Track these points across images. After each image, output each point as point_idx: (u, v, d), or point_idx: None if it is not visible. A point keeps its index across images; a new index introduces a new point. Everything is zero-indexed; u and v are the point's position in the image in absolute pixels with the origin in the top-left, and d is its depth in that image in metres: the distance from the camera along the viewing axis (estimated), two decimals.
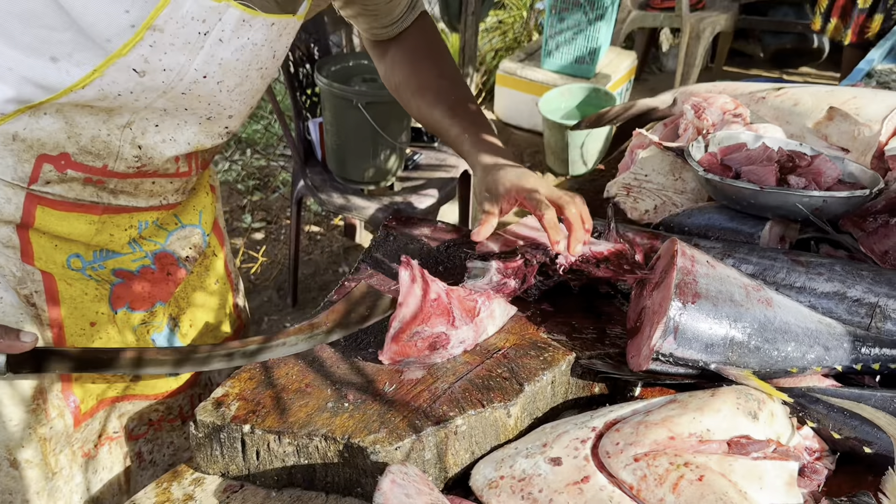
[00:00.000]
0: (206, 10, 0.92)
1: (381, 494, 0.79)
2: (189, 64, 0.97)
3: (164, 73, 0.96)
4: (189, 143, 1.10)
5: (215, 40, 0.96)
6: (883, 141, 1.55)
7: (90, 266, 1.17)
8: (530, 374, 1.04)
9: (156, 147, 1.08)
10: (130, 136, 1.05)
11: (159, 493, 1.01)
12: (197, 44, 0.95)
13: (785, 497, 0.87)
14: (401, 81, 1.43)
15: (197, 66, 0.98)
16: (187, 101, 1.03)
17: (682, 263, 1.05)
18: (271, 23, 1.00)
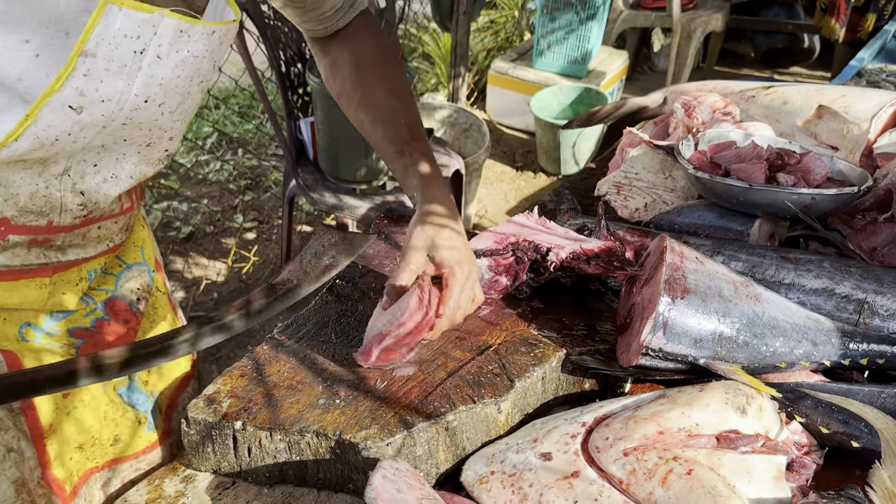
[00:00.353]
0: (140, 25, 0.82)
1: (373, 489, 0.79)
2: (128, 90, 0.86)
3: (102, 104, 0.85)
4: (132, 177, 1.01)
5: (153, 58, 0.86)
6: (871, 139, 1.56)
7: (45, 333, 1.07)
8: (521, 371, 1.04)
9: (98, 189, 0.98)
10: (70, 183, 0.95)
11: (151, 490, 1.01)
12: (134, 65, 0.84)
13: (773, 491, 0.87)
14: (344, 90, 1.28)
15: (137, 90, 0.87)
16: (127, 131, 0.92)
17: (671, 259, 1.05)
18: (211, 31, 0.90)
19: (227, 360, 2.94)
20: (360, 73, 1.25)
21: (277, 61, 2.76)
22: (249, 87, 5.11)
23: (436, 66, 5.38)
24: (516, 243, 1.21)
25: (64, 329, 1.07)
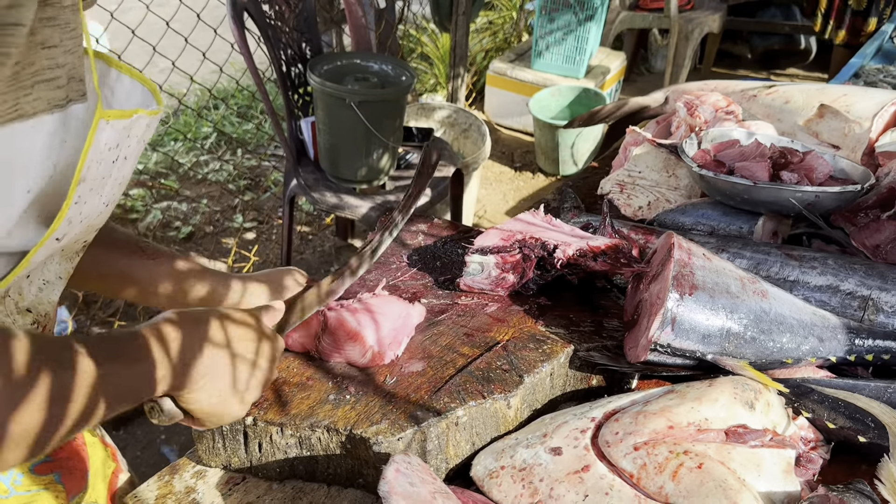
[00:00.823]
0: (119, 133, 0.76)
1: (386, 483, 0.80)
2: (100, 200, 0.80)
3: (80, 225, 0.78)
4: (60, 277, 0.91)
5: (122, 161, 0.79)
6: (873, 137, 1.57)
7: (12, 481, 0.98)
8: (530, 366, 1.05)
9: (40, 300, 0.89)
10: (13, 304, 0.85)
11: (161, 486, 1.01)
12: (107, 174, 0.78)
13: (783, 484, 0.88)
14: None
15: (105, 198, 0.80)
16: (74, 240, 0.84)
17: (678, 256, 1.06)
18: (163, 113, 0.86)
19: None
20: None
21: (278, 61, 2.76)
22: (249, 86, 5.11)
23: (434, 67, 5.38)
24: (523, 240, 1.22)
25: (25, 469, 1.00)
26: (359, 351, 1.05)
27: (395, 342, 1.08)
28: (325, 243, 3.92)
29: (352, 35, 3.26)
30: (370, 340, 1.05)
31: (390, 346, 1.07)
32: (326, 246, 3.90)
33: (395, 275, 1.30)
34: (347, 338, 1.06)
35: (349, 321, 1.07)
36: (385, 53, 3.91)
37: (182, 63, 3.32)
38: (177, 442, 2.74)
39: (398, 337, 1.09)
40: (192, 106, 4.85)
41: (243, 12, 2.60)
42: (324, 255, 3.83)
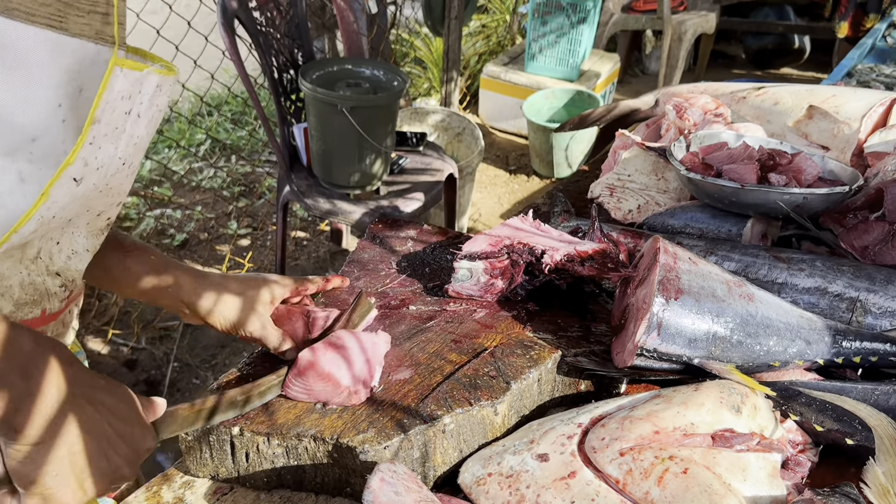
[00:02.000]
0: (132, 84, 0.79)
1: (371, 492, 0.79)
2: (115, 153, 0.83)
3: (97, 172, 0.81)
4: (87, 250, 0.94)
5: (134, 117, 0.83)
6: (862, 138, 1.58)
7: None
8: (517, 373, 1.05)
9: (68, 266, 0.92)
10: (43, 266, 0.89)
11: (149, 497, 1.01)
12: (122, 127, 0.81)
13: (768, 488, 0.88)
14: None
15: (121, 153, 0.84)
16: (96, 199, 0.87)
17: (664, 260, 1.06)
18: (173, 80, 0.87)
19: (222, 366, 2.93)
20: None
21: (270, 67, 2.76)
22: (242, 93, 5.11)
23: (428, 71, 5.39)
24: (511, 246, 1.22)
25: None
26: (334, 392, 1.01)
27: (370, 376, 1.04)
28: (320, 249, 3.92)
29: (344, 40, 3.26)
30: (345, 381, 1.00)
31: (364, 383, 1.02)
32: (321, 252, 3.90)
33: (383, 281, 1.30)
34: (321, 380, 1.01)
35: (320, 363, 1.01)
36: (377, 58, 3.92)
37: None
38: (171, 449, 2.73)
39: (371, 370, 1.04)
40: (185, 113, 4.85)
41: (234, 19, 2.60)
42: (318, 260, 3.83)
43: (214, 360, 3.07)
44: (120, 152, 0.83)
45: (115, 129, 0.80)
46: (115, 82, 0.76)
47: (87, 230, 0.92)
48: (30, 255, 0.86)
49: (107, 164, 0.82)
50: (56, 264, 0.91)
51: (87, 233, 0.93)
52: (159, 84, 0.84)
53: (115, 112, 0.79)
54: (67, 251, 0.91)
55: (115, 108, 0.78)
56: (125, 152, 0.85)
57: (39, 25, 0.69)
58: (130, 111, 0.81)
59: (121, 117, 0.80)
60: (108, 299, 3.29)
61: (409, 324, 1.17)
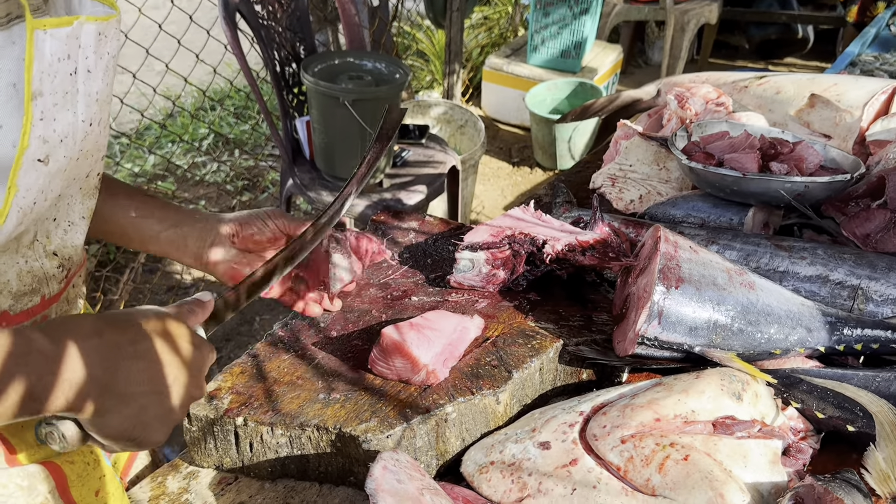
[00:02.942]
0: (66, 43, 0.73)
1: (373, 480, 0.80)
2: (76, 118, 0.78)
3: (62, 144, 0.77)
4: (83, 217, 0.92)
5: (84, 74, 0.77)
6: (864, 126, 1.58)
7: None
8: (518, 362, 1.05)
9: (65, 243, 0.90)
10: (41, 248, 0.86)
11: (154, 487, 1.02)
12: (73, 89, 0.76)
13: (769, 475, 0.88)
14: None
15: (82, 115, 0.79)
16: (77, 167, 0.84)
17: (665, 249, 1.06)
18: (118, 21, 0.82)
19: (227, 359, 2.95)
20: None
21: (272, 61, 2.76)
22: (245, 87, 5.10)
23: (430, 64, 5.38)
24: (512, 236, 1.22)
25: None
26: (413, 370, 1.02)
27: (452, 357, 1.05)
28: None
29: (345, 33, 3.26)
30: (424, 360, 1.01)
31: (445, 363, 1.04)
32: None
33: (385, 273, 1.31)
34: (401, 357, 1.02)
35: (403, 341, 1.02)
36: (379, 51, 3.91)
37: (176, 65, 3.32)
38: (177, 442, 2.74)
39: (454, 352, 1.06)
40: (187, 108, 4.85)
41: (235, 13, 2.60)
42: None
43: (220, 354, 3.09)
44: (81, 115, 0.79)
45: (64, 94, 0.75)
46: (42, 47, 0.70)
47: (81, 195, 0.90)
48: (25, 242, 0.84)
49: (71, 133, 0.78)
50: (53, 243, 0.88)
51: (82, 196, 0.90)
52: (100, 31, 0.78)
53: (57, 77, 0.73)
54: (64, 224, 0.89)
55: (56, 73, 0.73)
56: (86, 113, 0.80)
57: None
58: (76, 70, 0.76)
59: (66, 80, 0.75)
60: (112, 293, 3.30)
61: (412, 314, 1.17)
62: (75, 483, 0.97)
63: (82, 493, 0.99)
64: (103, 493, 1.03)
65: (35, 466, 0.92)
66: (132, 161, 4.34)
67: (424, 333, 1.04)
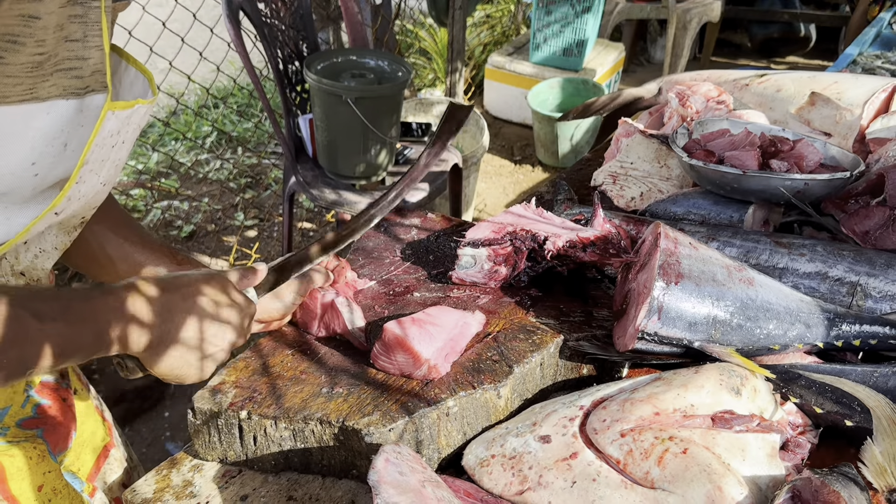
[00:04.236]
0: (121, 121, 0.84)
1: (376, 472, 0.81)
2: (98, 180, 0.87)
3: (78, 202, 0.86)
4: (56, 248, 0.97)
5: (119, 144, 0.87)
6: (864, 124, 1.58)
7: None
8: (519, 357, 1.06)
9: (34, 266, 0.95)
10: (8, 266, 0.92)
11: (159, 480, 1.03)
12: (106, 157, 0.85)
13: (767, 469, 0.89)
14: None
15: (102, 179, 0.88)
16: (73, 214, 0.92)
17: (665, 245, 1.07)
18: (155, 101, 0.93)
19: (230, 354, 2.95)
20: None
21: (275, 59, 2.77)
22: (248, 85, 5.12)
23: (433, 62, 5.39)
24: (514, 233, 1.23)
25: (12, 423, 1.03)
26: (415, 365, 1.03)
27: (453, 352, 1.06)
28: None
29: (348, 31, 3.27)
30: (426, 355, 1.02)
31: (446, 358, 1.05)
32: None
33: (388, 269, 1.32)
34: (403, 351, 1.03)
35: (405, 336, 1.03)
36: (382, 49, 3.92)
37: (180, 63, 3.33)
38: (181, 438, 2.76)
39: (455, 347, 1.07)
40: (191, 105, 4.87)
41: (239, 11, 2.61)
42: None
43: None
44: (102, 178, 0.88)
45: (101, 162, 0.85)
46: (106, 124, 0.81)
47: (58, 229, 0.96)
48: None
49: (89, 194, 0.88)
50: (22, 264, 0.94)
51: (59, 231, 0.97)
52: (146, 111, 0.90)
53: (103, 149, 0.84)
54: (35, 250, 0.96)
55: (104, 145, 0.83)
56: (107, 176, 0.89)
57: (13, 104, 0.73)
58: (116, 143, 0.86)
59: (107, 151, 0.85)
60: None
61: (414, 310, 1.19)
62: (14, 476, 1.01)
63: (22, 486, 1.02)
64: (47, 488, 1.05)
65: None
66: (135, 158, 4.35)
67: (426, 328, 1.05)
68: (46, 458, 1.05)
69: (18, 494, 1.01)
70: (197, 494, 1.01)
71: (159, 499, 1.00)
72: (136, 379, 1.01)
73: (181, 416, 2.86)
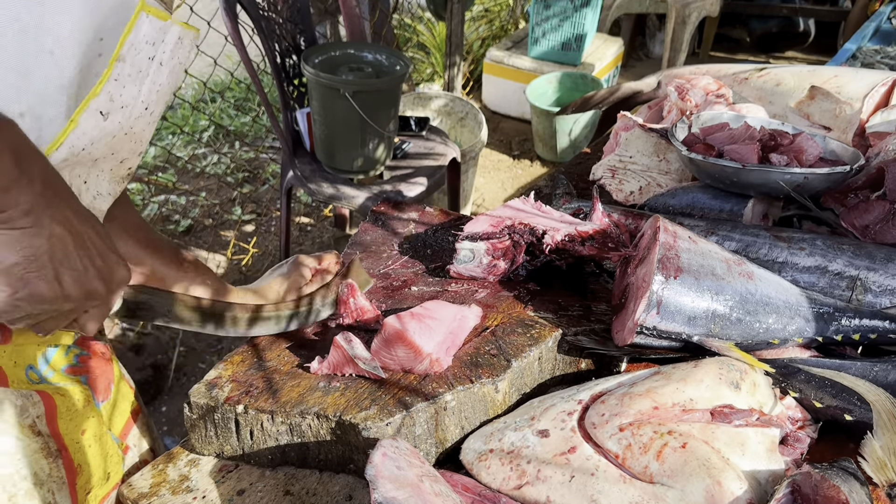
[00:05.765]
0: (156, 32, 0.85)
1: (373, 467, 0.81)
2: (138, 96, 0.87)
3: (121, 111, 0.85)
4: (110, 194, 0.97)
5: (157, 65, 0.87)
6: (864, 118, 1.58)
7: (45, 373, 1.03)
8: (518, 351, 1.05)
9: (94, 207, 0.94)
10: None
11: (155, 475, 1.03)
12: (146, 71, 0.86)
13: (767, 463, 0.89)
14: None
15: (143, 97, 0.88)
16: (121, 142, 0.91)
17: (664, 239, 1.06)
18: (193, 38, 0.92)
19: (227, 351, 2.95)
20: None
21: (272, 53, 2.76)
22: (245, 79, 5.10)
23: (431, 56, 5.37)
24: (512, 227, 1.23)
25: (58, 368, 1.05)
26: (416, 359, 1.02)
27: (453, 346, 1.06)
28: (324, 234, 3.93)
29: (346, 25, 3.26)
30: (427, 349, 1.02)
31: (447, 352, 1.05)
32: (325, 237, 3.90)
33: (385, 263, 1.31)
34: (404, 346, 1.03)
35: (405, 330, 1.03)
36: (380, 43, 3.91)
37: None
38: (178, 433, 2.75)
39: (455, 341, 1.07)
40: (188, 99, 4.85)
41: (236, 4, 2.60)
42: (322, 246, 3.84)
43: (220, 345, 3.09)
44: (143, 96, 0.88)
45: (138, 71, 0.85)
46: (141, 25, 0.82)
47: (110, 175, 0.96)
48: None
49: (130, 105, 0.86)
50: (84, 201, 0.92)
51: (111, 178, 0.96)
52: (181, 36, 0.89)
53: (140, 55, 0.84)
54: (93, 191, 0.94)
55: (140, 50, 0.83)
56: (148, 97, 0.89)
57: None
58: (154, 57, 0.86)
59: (145, 61, 0.85)
60: None
61: (412, 304, 1.18)
62: (63, 415, 1.01)
63: (69, 427, 1.02)
64: (90, 433, 1.06)
65: (29, 391, 0.98)
66: None
67: (426, 322, 1.04)
68: (91, 403, 1.07)
69: (65, 434, 1.01)
70: (193, 489, 1.00)
71: (156, 493, 0.99)
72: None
73: (178, 411, 2.85)
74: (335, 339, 1.03)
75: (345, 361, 1.03)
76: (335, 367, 1.04)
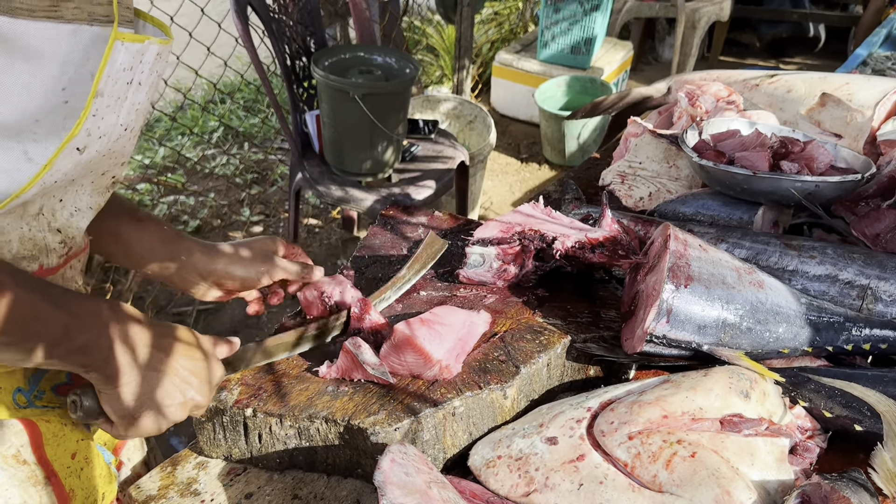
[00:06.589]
0: (133, 56, 0.83)
1: (381, 473, 0.81)
2: (117, 121, 0.87)
3: (99, 140, 0.86)
4: (91, 207, 0.98)
5: (136, 85, 0.87)
6: (875, 126, 1.57)
7: (33, 396, 1.02)
8: (526, 357, 1.05)
9: (70, 224, 0.96)
10: (45, 222, 0.92)
11: (164, 478, 1.03)
12: (123, 96, 0.86)
13: (776, 473, 0.88)
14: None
15: (122, 120, 0.88)
16: (99, 163, 0.92)
17: (674, 247, 1.06)
18: (170, 47, 0.91)
19: None
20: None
21: (282, 55, 2.77)
22: (255, 81, 5.12)
23: (440, 59, 5.38)
24: (522, 232, 1.23)
25: (48, 387, 1.04)
26: (426, 365, 1.02)
27: (463, 352, 1.06)
28: (332, 236, 3.93)
29: (356, 28, 3.26)
30: (437, 355, 1.02)
31: (457, 358, 1.04)
32: (333, 239, 3.91)
33: (394, 267, 1.31)
34: (413, 352, 1.03)
35: (415, 336, 1.03)
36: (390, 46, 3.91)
37: (187, 58, 3.33)
38: (185, 433, 2.76)
39: (465, 347, 1.07)
40: (198, 100, 4.86)
41: (247, 6, 2.61)
42: (330, 247, 3.84)
43: None
44: (122, 119, 0.88)
45: (116, 99, 0.85)
46: (116, 56, 0.81)
47: (91, 188, 0.96)
48: (31, 212, 0.90)
49: (109, 132, 0.87)
50: (58, 221, 0.94)
51: (92, 191, 0.97)
52: (159, 52, 0.88)
53: (118, 84, 0.83)
54: (70, 208, 0.95)
55: (118, 79, 0.83)
56: (126, 119, 0.89)
57: (39, 19, 0.74)
58: (132, 80, 0.86)
59: (122, 87, 0.85)
60: (122, 285, 3.32)
61: (420, 309, 1.18)
62: (50, 441, 1.01)
63: (57, 452, 1.02)
64: (80, 456, 1.05)
65: (11, 420, 0.97)
66: (142, 153, 4.35)
67: (435, 329, 1.04)
68: (80, 425, 1.07)
69: (53, 460, 1.02)
70: (201, 492, 1.00)
71: (164, 496, 1.00)
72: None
73: None
74: (344, 345, 1.04)
75: (353, 366, 1.03)
76: (344, 372, 1.04)
